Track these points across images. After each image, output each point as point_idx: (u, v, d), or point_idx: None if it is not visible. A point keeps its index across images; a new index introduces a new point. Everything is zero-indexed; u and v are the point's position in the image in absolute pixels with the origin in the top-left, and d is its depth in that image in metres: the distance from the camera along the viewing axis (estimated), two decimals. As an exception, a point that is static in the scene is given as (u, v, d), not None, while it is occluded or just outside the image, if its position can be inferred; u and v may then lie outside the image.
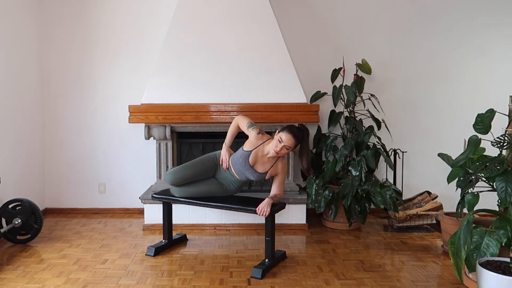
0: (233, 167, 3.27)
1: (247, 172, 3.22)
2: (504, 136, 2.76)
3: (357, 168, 3.92)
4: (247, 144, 3.23)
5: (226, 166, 3.30)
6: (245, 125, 3.26)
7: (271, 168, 3.23)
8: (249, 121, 3.28)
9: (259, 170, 3.22)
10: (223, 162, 3.31)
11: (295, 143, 3.08)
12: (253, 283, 2.91)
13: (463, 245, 2.39)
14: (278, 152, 3.08)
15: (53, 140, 4.63)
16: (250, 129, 3.23)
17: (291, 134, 3.06)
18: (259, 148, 3.19)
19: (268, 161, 3.21)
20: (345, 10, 4.60)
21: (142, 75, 4.50)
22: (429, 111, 4.64)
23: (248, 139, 3.24)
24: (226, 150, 3.32)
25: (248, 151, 3.19)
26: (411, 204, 4.16)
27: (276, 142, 3.07)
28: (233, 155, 3.31)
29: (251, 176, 3.24)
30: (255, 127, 3.25)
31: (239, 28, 4.21)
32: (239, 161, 3.21)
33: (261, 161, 3.21)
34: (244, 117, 3.34)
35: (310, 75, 4.53)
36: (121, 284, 2.89)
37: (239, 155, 3.23)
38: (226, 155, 3.30)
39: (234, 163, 3.26)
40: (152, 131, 4.13)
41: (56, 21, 4.54)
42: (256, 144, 3.19)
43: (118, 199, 4.67)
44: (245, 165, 3.20)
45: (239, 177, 3.29)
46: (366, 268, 3.19)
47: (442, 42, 4.60)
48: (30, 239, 3.66)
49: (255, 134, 3.20)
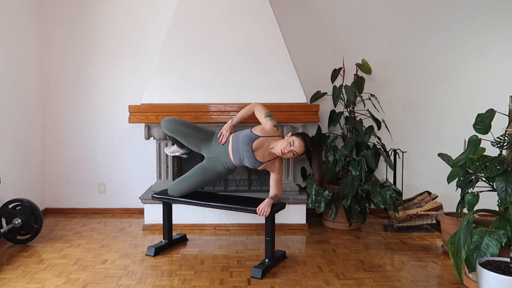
0: (232, 144, 3.21)
1: (245, 153, 3.14)
2: (504, 136, 2.76)
3: (357, 168, 3.93)
4: (258, 129, 3.16)
5: (224, 141, 3.25)
6: (263, 113, 3.21)
7: (269, 162, 3.19)
8: (267, 111, 3.24)
9: (258, 157, 3.16)
10: (222, 136, 3.26)
11: (304, 151, 3.06)
12: (253, 283, 2.91)
13: (463, 245, 2.39)
14: (284, 154, 3.04)
15: (53, 140, 4.63)
16: (268, 119, 3.18)
17: (304, 142, 3.04)
18: (268, 139, 3.14)
19: (268, 155, 3.18)
20: (345, 10, 4.60)
21: (142, 75, 4.51)
22: (429, 111, 4.64)
23: (260, 125, 3.19)
24: (229, 125, 3.28)
25: (257, 136, 3.13)
26: (411, 204, 4.16)
27: (286, 144, 3.04)
28: (236, 133, 3.25)
29: (246, 159, 3.16)
30: (273, 119, 3.20)
31: (239, 28, 4.21)
32: (243, 140, 3.14)
33: (262, 151, 3.16)
34: (262, 106, 3.27)
35: (310, 75, 4.53)
36: (121, 284, 2.89)
37: (244, 134, 3.17)
38: (228, 130, 3.26)
39: (234, 140, 3.20)
40: (152, 131, 4.13)
41: (56, 21, 4.54)
42: (268, 134, 3.14)
43: (118, 199, 4.67)
44: (247, 145, 3.12)
45: (233, 157, 3.22)
46: (366, 268, 3.19)
47: (442, 42, 4.60)
48: (30, 239, 3.66)
49: (271, 125, 3.16)
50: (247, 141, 3.13)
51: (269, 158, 3.19)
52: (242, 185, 4.39)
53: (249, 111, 3.28)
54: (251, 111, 3.28)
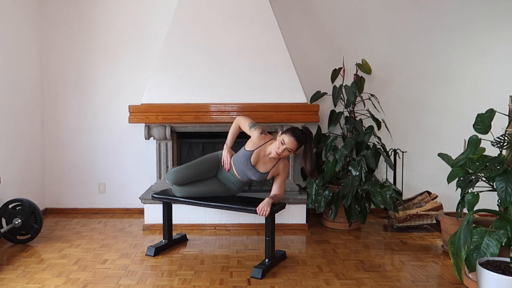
0: (235, 167, 3.27)
1: (249, 172, 3.22)
2: (504, 136, 2.76)
3: (357, 168, 3.92)
4: (249, 144, 3.22)
5: (227, 168, 3.30)
6: (246, 126, 3.25)
7: (273, 168, 3.23)
8: (251, 121, 3.28)
9: (261, 170, 3.22)
10: (224, 163, 3.31)
11: (297, 145, 3.07)
12: (253, 283, 2.91)
13: (463, 245, 2.39)
14: (280, 154, 3.08)
15: (53, 140, 4.63)
16: (252, 129, 3.22)
17: (294, 136, 3.05)
18: (262, 148, 3.19)
19: (269, 161, 3.21)
20: (345, 10, 4.60)
21: (142, 75, 4.51)
22: (429, 111, 4.64)
23: (250, 139, 3.24)
24: (227, 151, 3.31)
25: (250, 151, 3.19)
26: (411, 204, 4.16)
27: (278, 144, 3.07)
28: (235, 155, 3.31)
29: (252, 176, 3.24)
30: (258, 127, 3.24)
31: (239, 28, 4.21)
32: (241, 160, 3.21)
33: (262, 161, 3.20)
34: (245, 117, 3.33)
35: (310, 75, 4.53)
36: (121, 284, 2.89)
37: (241, 154, 3.23)
38: (228, 157, 3.30)
39: (236, 163, 3.26)
40: (152, 131, 4.13)
41: (56, 22, 4.54)
42: (259, 144, 3.19)
43: (118, 199, 4.67)
44: (247, 164, 3.19)
45: (241, 177, 3.29)
46: (366, 268, 3.19)
47: (442, 42, 4.60)
48: (30, 239, 3.66)
49: (257, 134, 3.20)
50: (244, 161, 3.19)
51: (271, 164, 3.22)
52: (242, 185, 4.39)
53: (236, 127, 3.33)
54: (238, 126, 3.32)
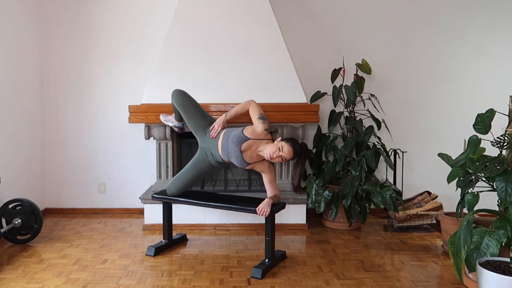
0: (222, 141, 3.21)
1: (233, 152, 3.15)
2: (504, 136, 2.76)
3: (357, 168, 3.92)
4: (249, 130, 3.16)
5: (214, 135, 3.26)
6: (256, 114, 3.21)
7: (257, 163, 3.21)
8: (261, 112, 3.23)
9: (245, 158, 3.17)
10: (213, 130, 3.27)
11: (292, 157, 3.09)
12: (253, 283, 2.91)
13: (463, 245, 2.39)
14: (273, 158, 3.06)
15: (53, 140, 4.62)
16: (260, 121, 3.18)
17: (293, 148, 3.05)
18: (257, 141, 3.15)
19: (256, 156, 3.19)
20: (345, 10, 4.60)
21: (141, 75, 4.51)
22: (429, 111, 4.64)
23: (252, 126, 3.19)
24: (222, 120, 3.28)
25: (247, 137, 3.13)
26: (411, 204, 4.16)
27: (275, 149, 3.05)
28: (228, 129, 3.26)
29: (233, 158, 3.17)
30: (266, 121, 3.20)
31: (239, 28, 4.21)
32: (233, 139, 3.14)
33: (250, 152, 3.17)
34: (257, 106, 3.27)
35: (310, 75, 4.53)
36: (121, 284, 2.89)
37: (235, 133, 3.17)
38: (220, 125, 3.27)
39: (225, 137, 3.20)
40: (152, 131, 4.13)
41: (56, 21, 4.54)
42: (258, 137, 3.15)
43: (118, 199, 4.67)
44: (236, 146, 3.13)
45: (221, 153, 3.23)
46: (366, 268, 3.19)
47: (442, 42, 4.60)
48: (30, 239, 3.66)
49: (262, 128, 3.16)
50: (236, 142, 3.13)
51: (256, 159, 3.20)
52: (242, 185, 4.39)
53: (244, 108, 3.29)
54: (246, 108, 3.28)
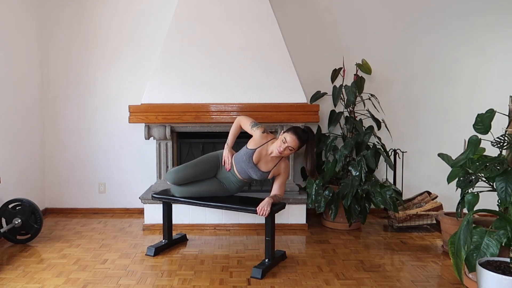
0: (236, 166, 3.27)
1: (251, 170, 3.22)
2: (504, 136, 2.76)
3: (357, 168, 3.92)
4: (252, 143, 3.22)
5: (228, 167, 3.30)
6: (248, 125, 3.26)
7: (274, 168, 3.23)
8: (252, 120, 3.29)
9: (262, 168, 3.22)
10: (225, 163, 3.31)
11: (299, 144, 3.08)
12: (253, 283, 2.91)
13: (463, 245, 2.39)
14: (282, 153, 3.09)
15: (53, 140, 4.62)
16: (254, 128, 3.23)
17: (296, 135, 3.06)
18: (263, 146, 3.19)
19: (271, 160, 3.21)
20: (345, 9, 4.60)
21: (141, 75, 4.51)
22: (429, 111, 4.64)
23: (252, 138, 3.25)
24: (228, 150, 3.32)
25: (253, 149, 3.19)
26: (411, 204, 4.16)
27: (280, 143, 3.08)
28: (236, 154, 3.31)
29: (254, 175, 3.24)
30: (260, 126, 3.25)
31: (239, 28, 4.21)
32: (243, 159, 3.21)
33: (264, 160, 3.21)
34: (246, 117, 3.34)
35: (310, 75, 4.53)
36: (121, 284, 2.89)
37: (242, 153, 3.23)
38: (229, 156, 3.31)
39: (237, 162, 3.26)
40: (152, 131, 4.13)
41: (56, 21, 4.54)
42: (261, 143, 3.19)
43: (118, 199, 4.67)
44: (248, 163, 3.19)
45: (242, 176, 3.29)
46: (366, 268, 3.19)
47: (442, 42, 4.60)
48: (30, 239, 3.66)
49: (259, 133, 3.21)
50: (246, 159, 3.19)
51: (272, 163, 3.22)
52: (242, 185, 4.39)
53: (237, 127, 3.34)
54: (238, 126, 3.33)
